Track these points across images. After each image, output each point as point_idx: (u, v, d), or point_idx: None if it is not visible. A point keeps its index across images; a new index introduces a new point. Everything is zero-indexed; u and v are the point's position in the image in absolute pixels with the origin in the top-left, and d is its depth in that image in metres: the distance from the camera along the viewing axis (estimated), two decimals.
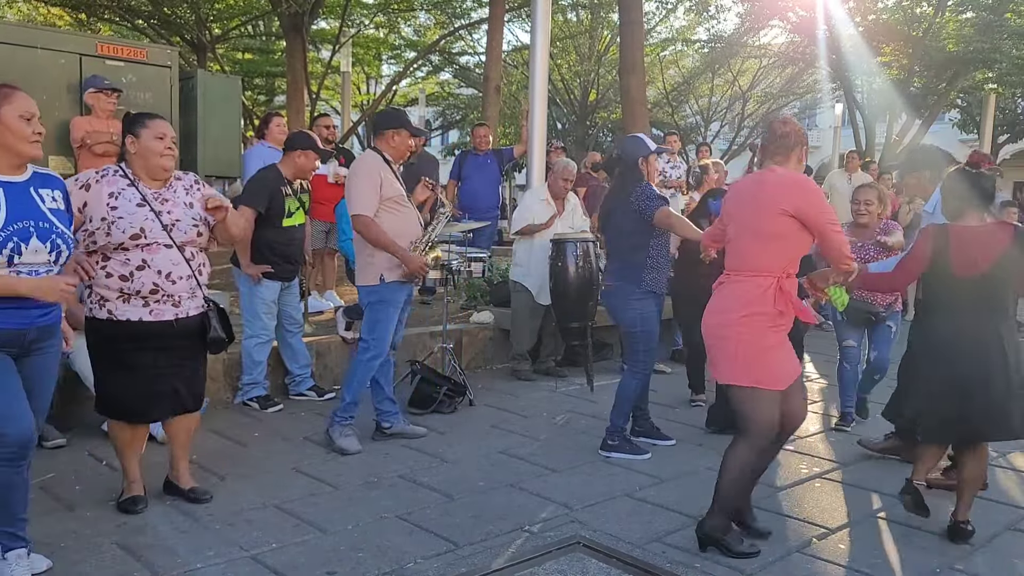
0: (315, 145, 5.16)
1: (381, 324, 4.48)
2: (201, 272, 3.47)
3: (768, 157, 3.40)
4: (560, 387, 6.09)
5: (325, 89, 19.29)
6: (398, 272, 4.42)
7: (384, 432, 4.68)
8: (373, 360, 4.47)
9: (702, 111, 26.29)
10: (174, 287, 3.34)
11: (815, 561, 3.28)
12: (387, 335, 4.52)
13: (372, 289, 4.46)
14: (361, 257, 4.51)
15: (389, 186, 4.41)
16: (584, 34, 22.67)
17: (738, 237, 3.35)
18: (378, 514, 3.59)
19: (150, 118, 3.39)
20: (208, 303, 3.49)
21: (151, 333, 3.33)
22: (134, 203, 3.29)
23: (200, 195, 3.46)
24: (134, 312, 3.30)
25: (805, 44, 19.06)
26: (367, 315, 4.54)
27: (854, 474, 4.34)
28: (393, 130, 4.52)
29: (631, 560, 3.21)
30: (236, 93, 7.56)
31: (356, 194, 4.38)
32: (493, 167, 8.09)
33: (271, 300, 5.14)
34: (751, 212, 3.30)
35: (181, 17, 15.83)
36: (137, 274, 3.27)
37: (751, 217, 3.29)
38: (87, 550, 3.13)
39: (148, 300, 3.31)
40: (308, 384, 5.44)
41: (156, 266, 3.30)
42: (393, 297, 4.47)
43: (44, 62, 5.90)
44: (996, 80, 16.47)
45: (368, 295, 4.50)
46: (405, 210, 4.50)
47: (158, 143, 3.33)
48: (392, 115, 4.73)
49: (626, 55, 11.51)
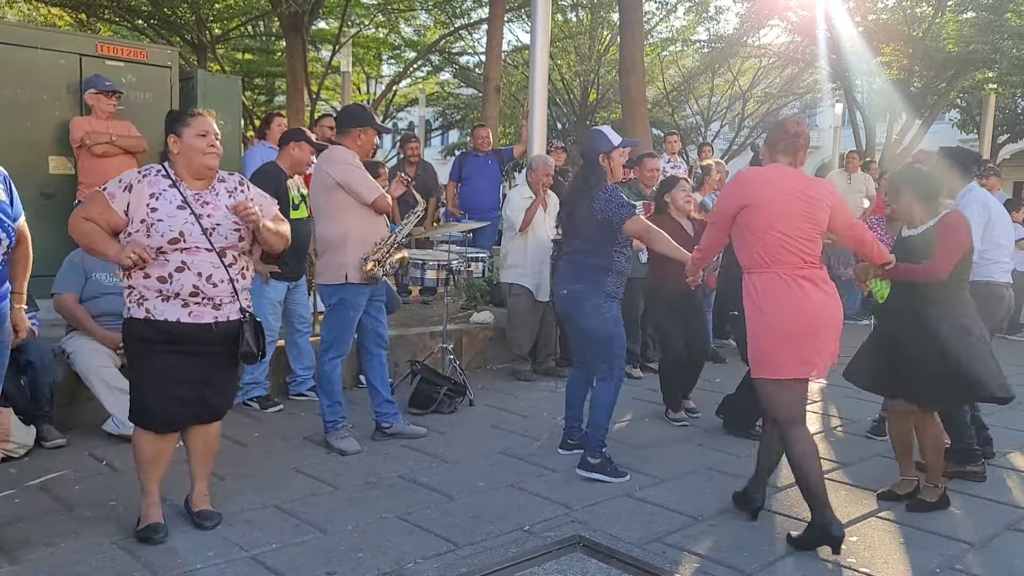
0: (308, 137, 5.17)
1: (341, 325, 4.46)
2: (244, 277, 3.34)
3: (780, 153, 3.43)
4: (560, 387, 6.08)
5: (325, 89, 19.30)
6: (360, 275, 4.35)
7: (384, 432, 4.68)
8: (335, 360, 4.48)
9: (702, 111, 26.28)
10: (215, 290, 3.21)
11: (815, 561, 3.28)
12: (347, 335, 4.51)
13: (334, 289, 4.41)
14: (328, 256, 4.42)
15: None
16: (584, 34, 22.65)
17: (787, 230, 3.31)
18: (378, 514, 3.59)
19: (192, 116, 3.25)
20: (244, 313, 3.31)
21: (188, 336, 3.19)
22: (174, 205, 3.17)
23: (244, 196, 3.34)
24: (172, 312, 3.16)
25: (805, 44, 19.06)
26: (328, 315, 4.51)
27: (854, 474, 4.34)
28: (360, 128, 4.43)
29: (631, 560, 3.20)
30: (236, 93, 7.56)
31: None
32: (494, 168, 8.11)
33: (277, 300, 5.14)
34: (805, 207, 3.32)
35: (181, 17, 15.83)
36: (176, 276, 3.14)
37: (808, 211, 3.32)
38: (87, 550, 3.13)
39: (188, 302, 3.17)
40: (309, 384, 5.44)
41: (196, 268, 3.17)
42: (355, 300, 4.43)
43: (44, 62, 5.90)
44: (996, 80, 16.46)
45: (330, 295, 4.45)
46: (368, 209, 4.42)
47: (200, 141, 3.20)
48: (357, 112, 4.57)
49: (626, 55, 11.50)
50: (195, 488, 3.48)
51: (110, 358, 4.50)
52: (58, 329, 4.77)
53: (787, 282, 3.29)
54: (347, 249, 4.35)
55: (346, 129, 4.47)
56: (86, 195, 5.66)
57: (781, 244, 3.29)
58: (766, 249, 3.31)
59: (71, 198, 5.80)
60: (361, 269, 4.35)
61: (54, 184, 5.93)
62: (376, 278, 4.40)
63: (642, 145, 10.27)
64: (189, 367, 3.23)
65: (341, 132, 4.52)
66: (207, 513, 3.45)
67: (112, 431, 4.44)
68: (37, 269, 5.12)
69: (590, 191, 4.13)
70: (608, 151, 4.19)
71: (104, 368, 4.43)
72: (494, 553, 3.23)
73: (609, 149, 4.19)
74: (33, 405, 4.29)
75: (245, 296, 3.36)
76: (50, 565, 3.01)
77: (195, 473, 3.49)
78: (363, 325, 4.61)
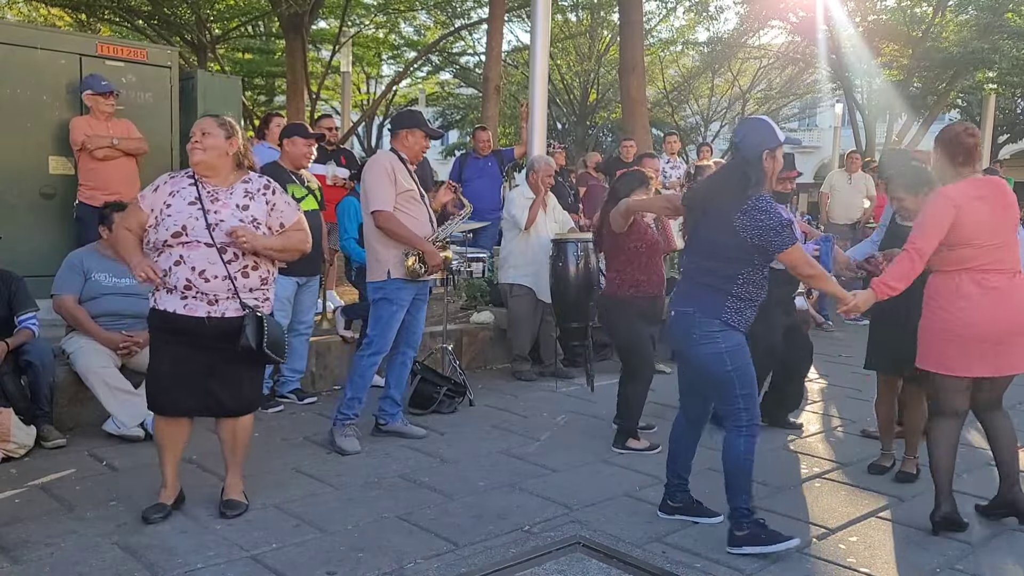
0: (300, 131, 5.17)
1: (383, 321, 4.49)
2: (246, 275, 3.38)
3: (974, 162, 3.59)
4: (560, 387, 6.09)
5: (325, 89, 19.28)
6: (402, 271, 4.43)
7: (380, 428, 4.69)
8: (374, 356, 4.50)
9: (702, 111, 26.30)
10: (207, 285, 3.30)
11: (815, 561, 3.28)
12: (390, 333, 4.52)
13: (378, 286, 4.49)
14: (371, 254, 4.54)
15: (402, 183, 4.46)
16: (584, 34, 22.66)
17: (1005, 239, 3.53)
18: (378, 514, 3.59)
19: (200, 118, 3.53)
20: (245, 309, 3.36)
21: (182, 327, 3.33)
22: (186, 201, 3.34)
23: (264, 200, 3.47)
24: (171, 303, 3.33)
25: (805, 45, 19.09)
26: (372, 312, 4.57)
27: (854, 474, 4.34)
28: (407, 130, 4.59)
29: (631, 560, 3.21)
30: (236, 93, 7.55)
31: (373, 190, 4.43)
32: (494, 169, 8.14)
33: (284, 297, 5.09)
34: (1006, 215, 3.55)
35: (181, 17, 15.83)
36: (175, 269, 3.30)
37: (1008, 219, 3.56)
38: (87, 550, 3.13)
39: (185, 294, 3.32)
40: (292, 387, 5.38)
41: (191, 262, 3.29)
42: (398, 296, 4.48)
43: (44, 62, 5.89)
44: (996, 80, 16.48)
45: (374, 292, 4.53)
46: (416, 207, 4.54)
47: (191, 140, 3.44)
48: (406, 115, 4.78)
49: (626, 55, 11.51)
50: (226, 479, 3.63)
51: (110, 358, 4.50)
52: (58, 329, 4.77)
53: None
54: (389, 245, 4.44)
55: (395, 132, 4.66)
56: (86, 196, 5.68)
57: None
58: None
59: (71, 198, 5.80)
60: (403, 265, 4.41)
61: (54, 184, 5.93)
62: (417, 274, 4.45)
63: (642, 145, 10.29)
64: (192, 358, 3.37)
65: (392, 136, 4.69)
66: (230, 503, 3.54)
67: (112, 431, 4.44)
68: (37, 269, 5.21)
69: (744, 195, 3.23)
70: (774, 148, 3.31)
71: (104, 368, 4.43)
72: (494, 553, 3.23)
73: (775, 146, 3.32)
74: (33, 405, 4.29)
75: (251, 295, 3.41)
76: (50, 565, 3.01)
77: (227, 464, 3.63)
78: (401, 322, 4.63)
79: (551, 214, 6.39)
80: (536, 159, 6.48)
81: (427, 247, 4.44)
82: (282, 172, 5.05)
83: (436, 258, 4.46)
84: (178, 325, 3.33)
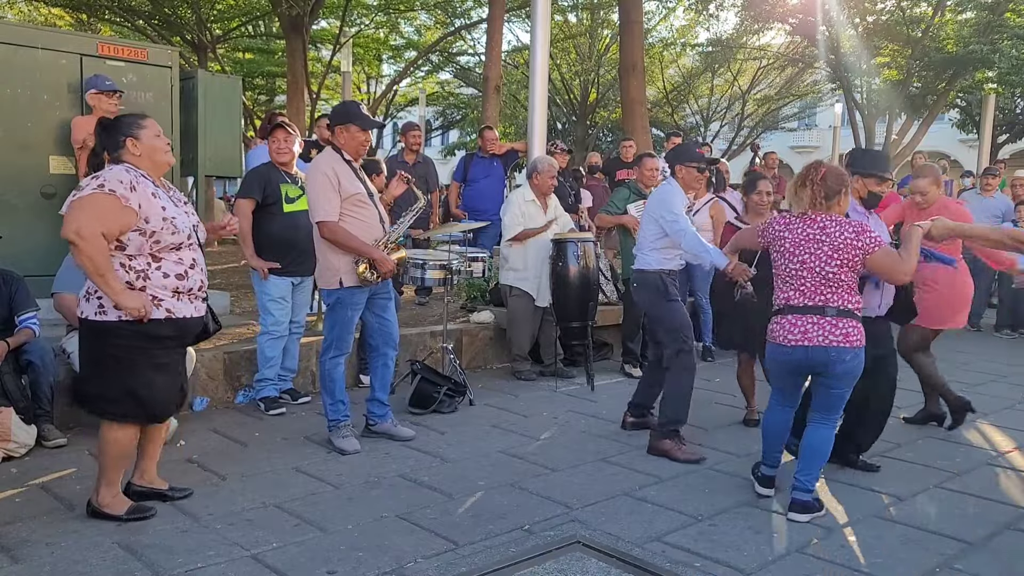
0: (280, 124, 5.13)
1: (340, 325, 4.45)
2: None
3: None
4: (560, 387, 6.09)
5: (325, 89, 19.30)
6: (354, 278, 4.31)
7: (370, 429, 4.69)
8: (337, 358, 4.47)
9: (702, 111, 26.31)
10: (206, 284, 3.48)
11: (815, 561, 3.28)
12: (348, 335, 4.49)
13: (331, 292, 4.41)
14: (322, 260, 4.40)
15: (346, 188, 4.27)
16: (584, 34, 22.68)
17: None
18: (378, 514, 3.60)
19: (140, 118, 3.39)
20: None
21: (191, 330, 3.42)
22: (173, 203, 3.35)
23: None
24: (187, 309, 3.36)
25: (805, 45, 19.10)
26: (328, 316, 4.51)
27: (854, 474, 4.34)
28: (340, 126, 4.34)
29: (631, 560, 3.21)
30: (236, 93, 7.55)
31: (315, 200, 4.27)
32: (499, 169, 8.18)
33: (280, 296, 5.10)
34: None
35: (182, 17, 15.86)
36: (191, 272, 3.35)
37: None
38: (87, 550, 3.14)
39: (197, 296, 3.39)
40: (285, 387, 5.35)
41: (201, 263, 3.41)
42: (351, 299, 4.40)
43: (45, 62, 5.89)
44: (996, 80, 16.48)
45: (328, 297, 4.47)
46: (364, 210, 4.36)
47: (159, 141, 3.38)
48: (338, 110, 4.52)
49: (626, 55, 11.52)
50: (148, 466, 3.64)
51: None
52: (58, 329, 4.78)
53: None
54: (339, 253, 4.31)
55: (331, 128, 4.44)
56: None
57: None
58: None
59: None
60: (354, 272, 4.31)
61: (54, 184, 5.93)
62: (369, 281, 4.32)
63: (642, 145, 10.30)
64: (179, 360, 3.51)
65: (332, 133, 4.47)
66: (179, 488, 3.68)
67: None
68: (37, 269, 5.22)
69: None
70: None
71: None
72: (494, 553, 3.23)
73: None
74: (34, 405, 4.30)
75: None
76: (50, 564, 3.01)
77: (152, 454, 3.65)
78: (369, 324, 4.59)
79: (552, 215, 6.35)
80: (538, 160, 6.45)
81: (376, 254, 4.26)
82: (269, 172, 5.04)
83: (386, 264, 4.30)
84: (188, 329, 3.38)
